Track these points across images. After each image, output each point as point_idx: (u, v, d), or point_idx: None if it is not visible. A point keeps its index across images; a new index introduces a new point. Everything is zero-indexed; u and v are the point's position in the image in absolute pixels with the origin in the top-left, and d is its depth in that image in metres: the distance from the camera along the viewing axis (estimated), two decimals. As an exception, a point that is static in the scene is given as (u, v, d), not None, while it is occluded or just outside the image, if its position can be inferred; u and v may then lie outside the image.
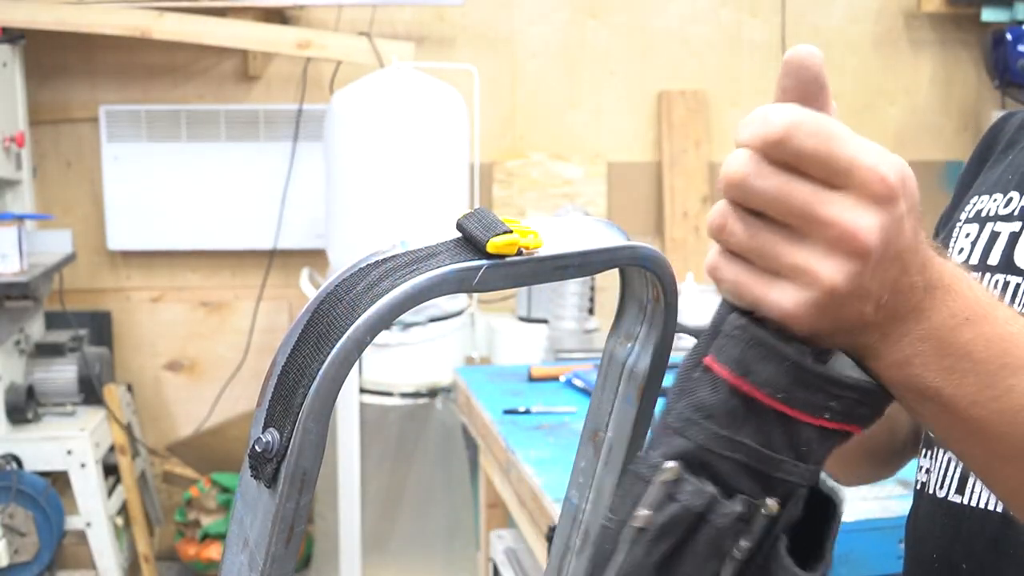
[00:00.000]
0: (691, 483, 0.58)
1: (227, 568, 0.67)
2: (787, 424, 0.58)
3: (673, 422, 0.60)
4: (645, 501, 0.59)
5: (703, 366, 0.60)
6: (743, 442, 0.58)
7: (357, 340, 0.61)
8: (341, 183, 3.24)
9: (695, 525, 0.58)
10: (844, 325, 0.57)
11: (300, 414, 0.61)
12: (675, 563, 0.59)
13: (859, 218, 0.54)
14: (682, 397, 0.60)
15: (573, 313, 3.14)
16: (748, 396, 0.58)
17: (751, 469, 0.59)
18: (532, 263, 0.66)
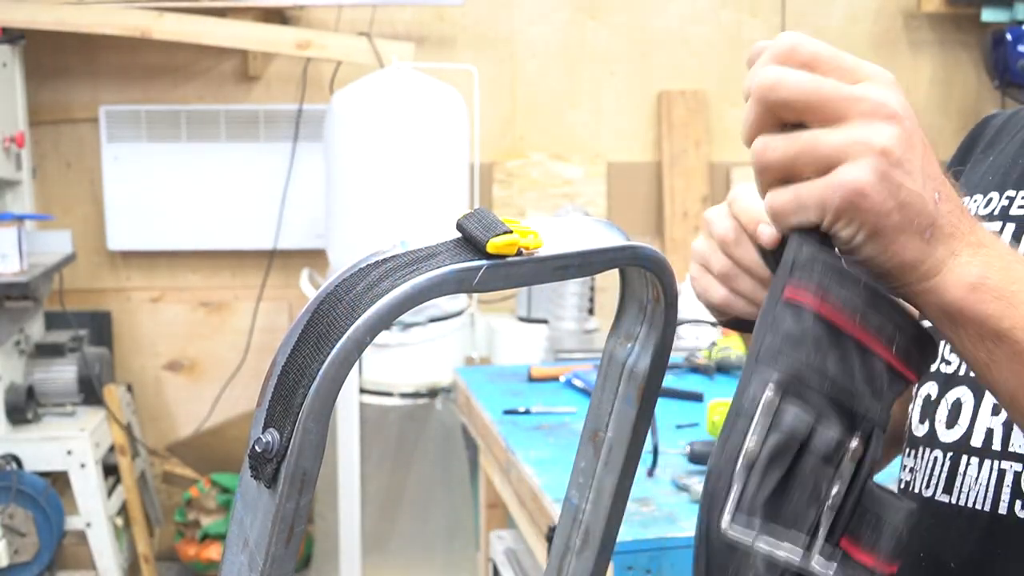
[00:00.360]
0: (791, 410, 0.60)
1: (227, 568, 0.67)
2: (864, 355, 0.62)
3: (764, 356, 0.62)
4: (753, 431, 0.60)
5: (784, 299, 0.62)
6: (829, 371, 0.61)
7: (357, 340, 0.61)
8: (341, 183, 3.24)
9: (798, 455, 0.60)
10: (910, 209, 0.61)
11: (300, 414, 0.61)
12: (784, 499, 0.60)
13: (882, 92, 0.61)
14: (767, 332, 0.62)
15: (573, 313, 3.14)
16: (829, 321, 0.61)
17: (836, 403, 0.61)
18: (532, 263, 0.66)
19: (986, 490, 0.85)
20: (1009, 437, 0.84)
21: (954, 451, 0.88)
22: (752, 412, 0.60)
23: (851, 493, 0.62)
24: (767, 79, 0.62)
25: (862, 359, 0.62)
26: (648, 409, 0.77)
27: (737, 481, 0.60)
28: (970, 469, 0.86)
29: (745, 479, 0.60)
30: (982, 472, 0.85)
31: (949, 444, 0.88)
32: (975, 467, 0.86)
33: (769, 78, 0.62)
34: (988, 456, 0.85)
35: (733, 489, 0.60)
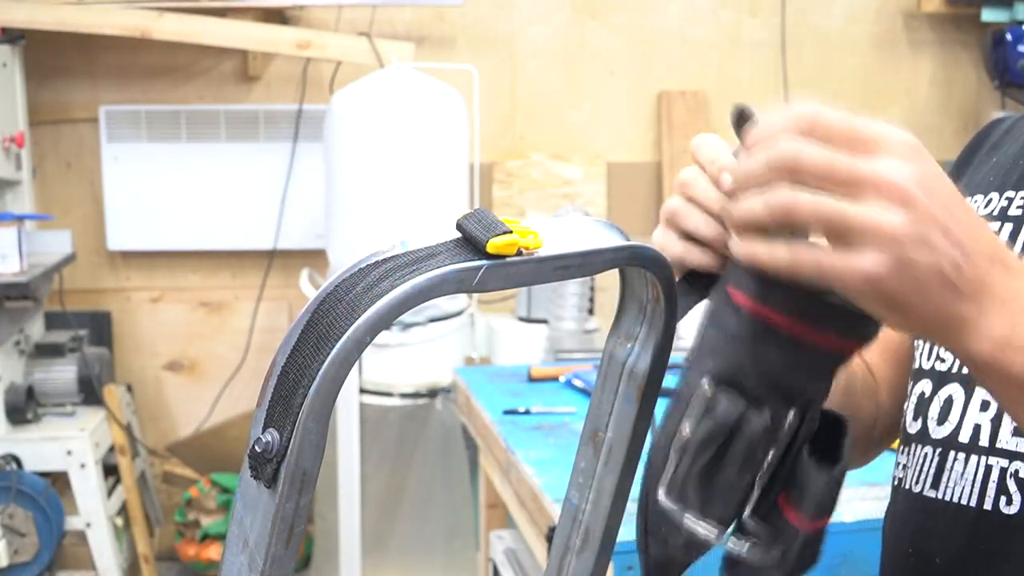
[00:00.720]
0: (724, 398, 0.66)
1: (227, 568, 0.67)
2: (804, 346, 0.66)
3: (705, 348, 0.68)
4: (688, 416, 0.67)
5: (727, 296, 0.67)
6: (766, 360, 0.66)
7: (357, 340, 0.61)
8: (341, 183, 3.24)
9: (731, 436, 0.66)
10: (928, 285, 0.62)
11: (300, 414, 0.61)
12: (716, 471, 0.67)
13: (896, 170, 0.61)
14: (710, 326, 0.68)
15: (573, 313, 3.14)
16: (766, 318, 0.66)
17: (774, 385, 0.66)
18: (532, 263, 0.66)
19: (972, 486, 0.86)
20: (997, 433, 0.85)
21: (943, 447, 0.89)
22: (687, 398, 0.67)
23: (787, 458, 0.68)
24: (786, 154, 0.62)
25: (801, 350, 0.66)
26: (648, 409, 0.77)
27: (672, 459, 0.67)
28: (957, 465, 0.87)
29: (679, 458, 0.67)
30: (968, 468, 0.86)
31: (939, 440, 0.89)
32: (962, 463, 0.87)
33: (788, 154, 0.62)
34: (975, 452, 0.86)
35: (668, 466, 0.67)
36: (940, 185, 0.63)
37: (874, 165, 0.61)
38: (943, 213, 0.62)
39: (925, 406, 0.92)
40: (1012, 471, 0.83)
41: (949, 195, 0.63)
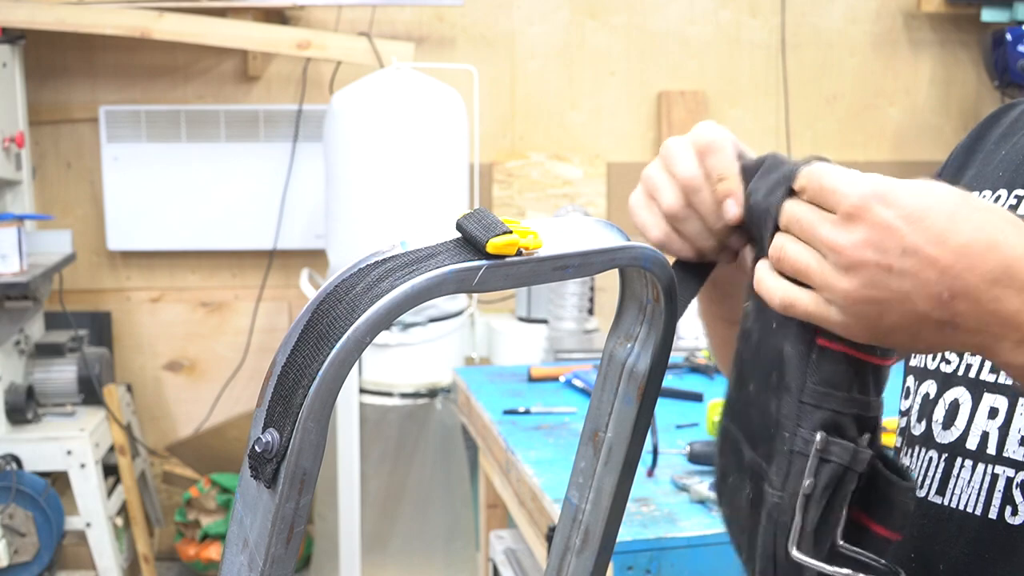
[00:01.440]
0: (837, 444, 0.69)
1: (227, 568, 0.67)
2: (877, 372, 0.71)
3: (810, 399, 0.70)
4: (808, 472, 0.69)
5: (819, 347, 0.70)
6: (856, 398, 0.70)
7: (357, 340, 0.61)
8: (341, 183, 3.24)
9: (843, 476, 0.70)
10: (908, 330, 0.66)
11: (300, 414, 0.61)
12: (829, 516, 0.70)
13: (840, 236, 0.65)
14: (810, 376, 0.70)
15: (573, 313, 3.14)
16: (857, 359, 0.70)
17: (860, 417, 0.71)
18: (532, 264, 0.66)
19: (978, 494, 0.85)
20: (1004, 442, 0.84)
21: (949, 453, 0.88)
22: (807, 451, 0.69)
23: (861, 477, 0.71)
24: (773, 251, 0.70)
25: (876, 376, 0.71)
26: (648, 409, 0.77)
27: (799, 512, 0.69)
28: (963, 472, 0.86)
29: (804, 510, 0.69)
30: (975, 476, 0.85)
31: (945, 445, 0.88)
32: (968, 470, 0.86)
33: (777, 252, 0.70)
34: (982, 460, 0.85)
35: (796, 522, 0.69)
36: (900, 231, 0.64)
37: (822, 230, 0.66)
38: (913, 260, 0.64)
39: (930, 408, 0.91)
40: (1019, 481, 0.82)
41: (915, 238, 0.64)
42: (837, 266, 0.65)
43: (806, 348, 0.70)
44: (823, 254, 0.66)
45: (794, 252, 0.68)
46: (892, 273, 0.64)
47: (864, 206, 0.65)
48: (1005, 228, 0.65)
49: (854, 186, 0.66)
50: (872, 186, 0.65)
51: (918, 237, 0.64)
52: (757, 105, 3.99)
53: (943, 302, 0.64)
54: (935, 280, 0.64)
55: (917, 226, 0.64)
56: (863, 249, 0.64)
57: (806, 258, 0.68)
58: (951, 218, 0.64)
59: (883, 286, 0.64)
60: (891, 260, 0.64)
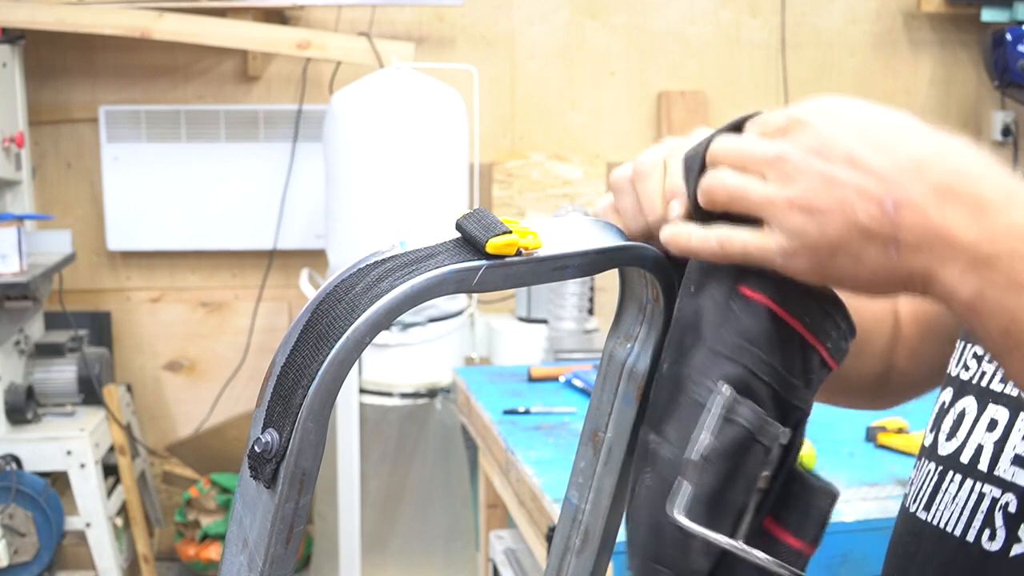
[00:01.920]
0: (745, 404, 0.61)
1: (226, 568, 0.67)
2: (805, 350, 0.63)
3: (723, 349, 0.62)
4: (707, 426, 0.61)
5: (742, 296, 0.63)
6: (776, 367, 0.62)
7: (357, 340, 0.61)
8: (341, 183, 3.24)
9: (748, 447, 0.61)
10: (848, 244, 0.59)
11: (299, 414, 0.61)
12: (727, 490, 0.62)
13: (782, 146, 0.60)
14: (725, 325, 0.63)
15: (573, 313, 3.14)
16: (783, 321, 0.62)
17: (777, 396, 0.62)
18: (531, 263, 0.66)
19: (960, 512, 0.80)
20: (998, 459, 0.79)
21: (944, 465, 0.83)
22: (709, 406, 0.62)
23: (777, 477, 0.63)
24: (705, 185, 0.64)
25: (803, 354, 0.63)
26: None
27: (693, 474, 0.62)
28: (951, 487, 0.82)
29: (700, 473, 0.61)
30: (961, 492, 0.80)
31: (943, 457, 0.84)
32: (957, 485, 0.81)
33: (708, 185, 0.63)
34: (972, 476, 0.80)
35: (686, 484, 0.62)
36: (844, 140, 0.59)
37: (769, 145, 0.61)
38: (851, 170, 0.58)
39: (941, 418, 0.87)
40: (1003, 503, 0.77)
41: (860, 146, 0.59)
42: (778, 178, 0.60)
43: (725, 297, 0.63)
44: (762, 173, 0.61)
45: (728, 178, 0.62)
46: (836, 183, 0.58)
47: (807, 119, 0.60)
48: (957, 143, 0.60)
49: (792, 109, 0.62)
50: (815, 102, 0.61)
51: (863, 145, 0.59)
52: (757, 105, 3.97)
53: (886, 212, 0.58)
54: (879, 188, 0.58)
55: (862, 135, 0.59)
56: (807, 156, 0.59)
57: (742, 181, 0.61)
58: (899, 129, 0.60)
59: (825, 195, 0.58)
60: (835, 168, 0.58)
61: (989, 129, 4.07)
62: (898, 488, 1.77)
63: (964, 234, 0.57)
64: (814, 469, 1.84)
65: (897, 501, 1.71)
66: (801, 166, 0.59)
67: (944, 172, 0.58)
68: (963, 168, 0.58)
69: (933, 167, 0.58)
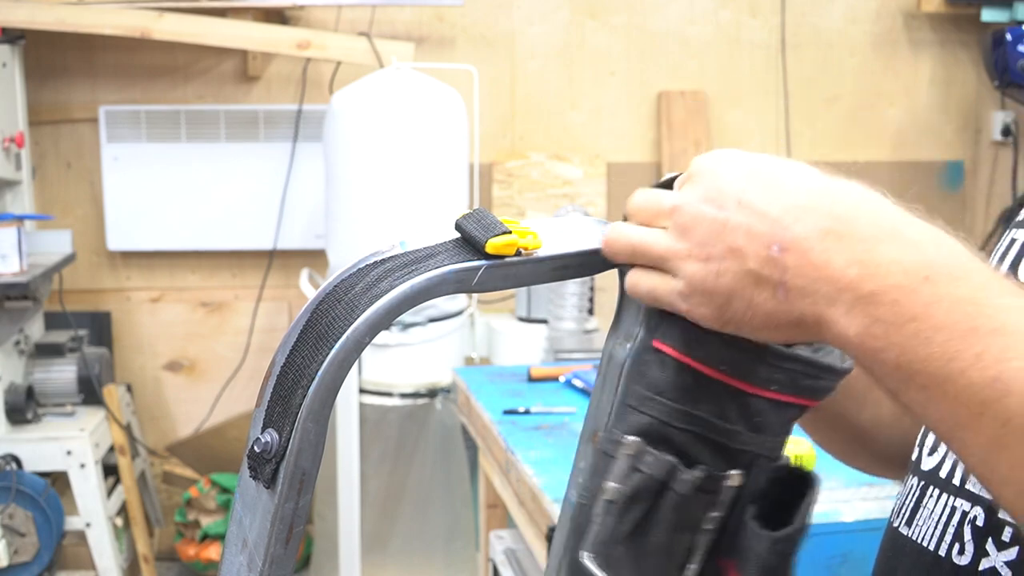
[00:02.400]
0: (652, 454, 0.63)
1: (226, 568, 0.67)
2: (738, 396, 0.63)
3: (631, 401, 0.65)
4: (613, 475, 0.64)
5: (652, 348, 0.65)
6: (697, 415, 0.63)
7: (356, 340, 0.61)
8: (341, 183, 3.24)
9: (660, 493, 0.63)
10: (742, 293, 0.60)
11: (299, 414, 0.61)
12: (647, 532, 0.64)
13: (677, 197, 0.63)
14: (636, 379, 0.65)
15: (573, 313, 3.14)
16: (696, 371, 0.63)
17: (710, 441, 0.64)
18: (531, 264, 0.66)
19: (936, 527, 0.79)
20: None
21: (925, 480, 0.83)
22: (615, 453, 0.64)
23: (731, 518, 0.65)
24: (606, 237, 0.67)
25: (735, 400, 0.64)
26: (647, 409, 0.76)
27: (596, 519, 0.65)
28: (930, 502, 0.81)
29: (604, 515, 0.64)
30: (938, 507, 0.80)
31: (925, 472, 0.83)
32: (934, 500, 0.80)
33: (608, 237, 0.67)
34: (947, 490, 0.79)
35: (594, 524, 0.65)
36: (734, 186, 0.61)
37: (664, 198, 0.64)
38: (740, 213, 0.60)
39: (926, 433, 0.85)
40: (971, 516, 0.76)
41: (749, 191, 0.61)
42: (675, 229, 0.62)
43: (639, 352, 0.65)
44: (664, 226, 0.64)
45: (629, 232, 0.65)
46: (727, 228, 0.60)
47: (699, 170, 0.63)
48: (846, 185, 0.61)
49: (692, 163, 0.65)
50: (706, 156, 0.64)
51: (752, 188, 0.60)
52: (757, 105, 3.99)
53: (773, 257, 0.59)
54: (766, 232, 0.59)
55: (751, 180, 0.61)
56: (700, 204, 0.62)
57: (642, 234, 0.65)
58: (787, 173, 0.61)
59: (718, 242, 0.60)
60: (727, 214, 0.60)
61: (989, 129, 4.07)
62: (897, 488, 1.77)
63: (845, 273, 0.58)
64: (814, 469, 1.84)
65: (897, 501, 1.71)
66: (695, 214, 0.62)
67: (829, 213, 0.59)
68: (849, 208, 0.59)
69: (818, 208, 0.59)
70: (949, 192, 4.12)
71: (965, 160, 4.12)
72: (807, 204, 0.60)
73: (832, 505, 1.68)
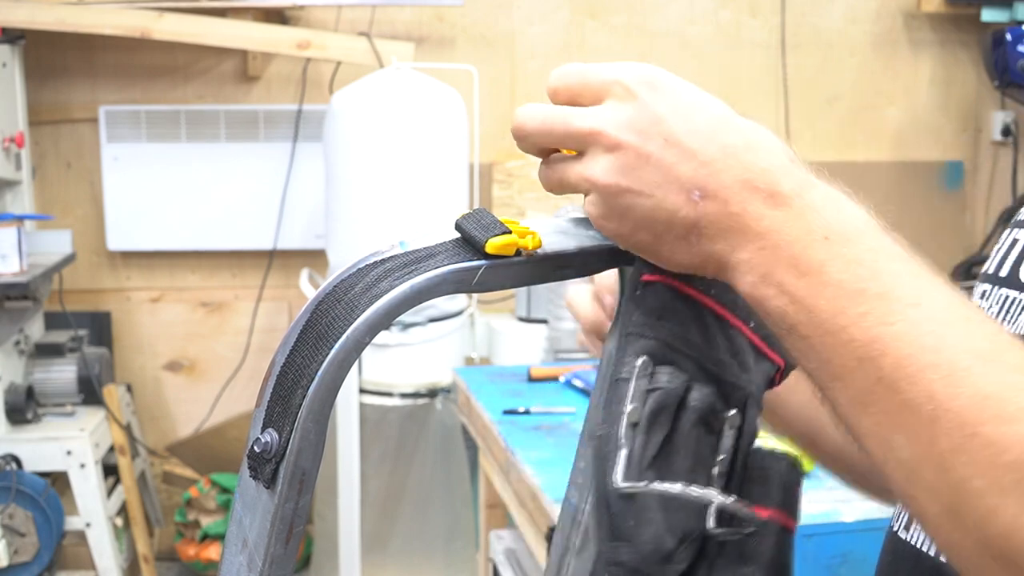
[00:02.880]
0: (665, 370, 0.63)
1: (226, 569, 0.67)
2: (723, 328, 0.65)
3: (632, 329, 0.65)
4: (631, 396, 0.63)
5: (643, 283, 0.65)
6: (693, 340, 0.64)
7: (356, 340, 0.61)
8: (341, 183, 3.24)
9: (678, 412, 0.63)
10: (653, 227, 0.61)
11: (299, 414, 0.61)
12: (673, 457, 0.63)
13: (608, 116, 0.61)
14: (633, 311, 0.65)
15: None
16: (686, 295, 0.64)
17: (707, 372, 0.64)
18: (531, 264, 0.66)
19: None
20: None
21: None
22: (629, 377, 0.64)
23: (736, 462, 0.65)
24: (515, 120, 0.68)
25: (723, 332, 0.65)
26: (647, 409, 0.76)
27: (625, 442, 0.63)
28: None
29: (632, 439, 0.63)
30: None
31: None
32: None
33: (516, 119, 0.68)
34: None
35: (622, 451, 0.63)
36: (666, 120, 0.60)
37: (586, 119, 0.62)
38: (666, 151, 0.60)
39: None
40: None
41: (679, 129, 0.60)
42: (596, 150, 0.61)
43: (632, 289, 0.66)
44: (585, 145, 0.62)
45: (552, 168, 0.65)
46: (650, 163, 0.60)
47: (627, 87, 0.61)
48: (763, 137, 0.62)
49: (620, 69, 0.62)
50: (642, 70, 0.61)
51: (683, 129, 0.60)
52: (757, 105, 3.99)
53: (692, 201, 0.60)
54: (688, 177, 0.59)
55: (684, 118, 0.60)
56: (626, 131, 0.60)
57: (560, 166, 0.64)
58: (720, 118, 0.61)
59: (637, 175, 0.60)
60: (651, 148, 0.60)
61: (989, 129, 4.07)
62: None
63: (757, 224, 0.59)
64: (813, 469, 1.84)
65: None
66: (617, 142, 0.61)
67: (750, 165, 0.60)
68: (767, 161, 0.61)
69: (740, 160, 0.60)
70: (949, 192, 4.12)
71: (965, 160, 4.12)
72: (731, 153, 0.60)
73: (832, 505, 1.68)
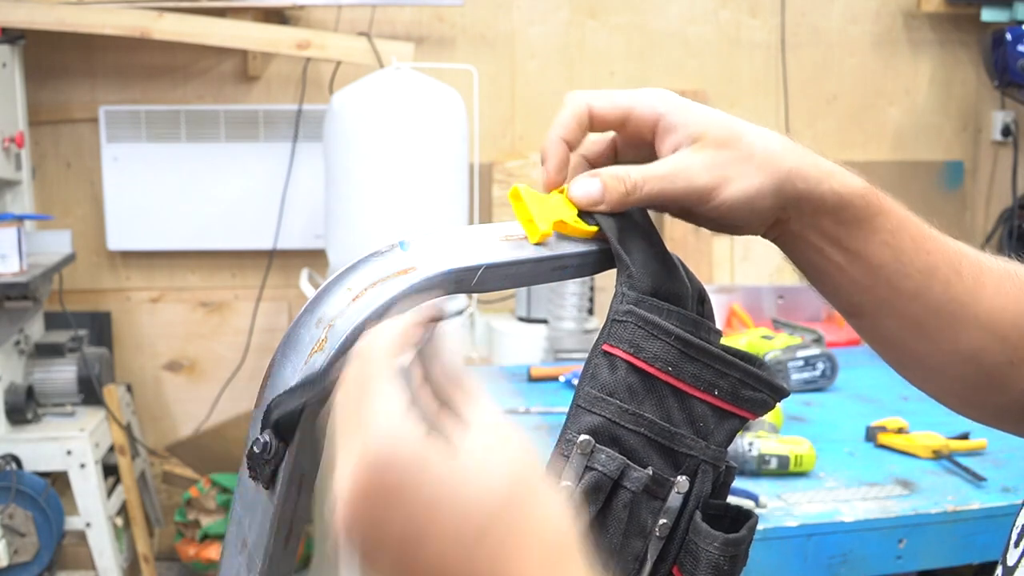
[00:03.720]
0: (604, 451, 0.65)
1: (226, 569, 0.67)
2: (682, 399, 0.66)
3: (582, 402, 0.66)
4: (567, 474, 0.64)
5: (601, 351, 0.66)
6: (644, 415, 0.65)
7: (356, 340, 0.61)
8: (341, 183, 3.24)
9: (612, 493, 0.65)
10: None
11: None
12: (601, 531, 0.65)
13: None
14: (587, 382, 0.66)
15: (573, 313, 3.14)
16: (642, 371, 0.65)
17: (656, 444, 0.66)
18: (531, 264, 0.66)
19: None
20: None
21: None
22: (568, 453, 0.65)
23: (679, 525, 0.67)
24: None
25: (680, 403, 0.66)
26: (647, 409, 0.76)
27: None
28: None
29: None
30: None
31: None
32: None
33: None
34: None
35: None
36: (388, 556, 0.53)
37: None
38: None
39: None
40: None
41: None
42: None
43: (591, 356, 0.67)
44: None
45: None
46: None
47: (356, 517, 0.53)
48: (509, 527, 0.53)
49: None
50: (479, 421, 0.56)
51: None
52: (757, 105, 3.99)
53: None
54: None
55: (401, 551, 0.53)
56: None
57: None
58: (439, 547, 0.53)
59: None
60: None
61: (989, 129, 4.07)
62: (899, 488, 1.77)
63: None
64: (814, 469, 1.84)
65: (899, 501, 1.71)
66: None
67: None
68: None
69: None
70: (949, 192, 4.11)
71: (965, 160, 4.12)
72: None
73: (832, 505, 1.68)
